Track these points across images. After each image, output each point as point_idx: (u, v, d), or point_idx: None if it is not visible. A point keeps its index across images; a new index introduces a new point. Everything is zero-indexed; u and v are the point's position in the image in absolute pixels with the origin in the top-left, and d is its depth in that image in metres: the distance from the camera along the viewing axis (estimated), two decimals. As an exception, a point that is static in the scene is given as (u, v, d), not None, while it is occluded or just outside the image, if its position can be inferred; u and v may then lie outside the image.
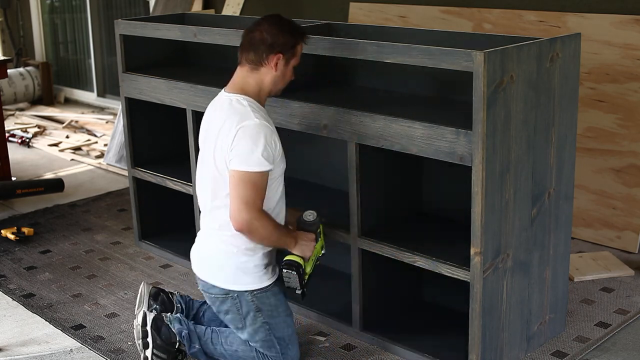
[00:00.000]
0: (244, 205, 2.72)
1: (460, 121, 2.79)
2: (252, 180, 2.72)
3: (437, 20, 4.67)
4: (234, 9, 5.96)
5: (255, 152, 2.72)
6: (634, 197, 4.01)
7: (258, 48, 2.84)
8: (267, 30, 2.85)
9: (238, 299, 2.87)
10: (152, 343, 2.90)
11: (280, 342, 2.92)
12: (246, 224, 2.73)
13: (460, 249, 2.92)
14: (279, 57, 2.85)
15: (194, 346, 2.95)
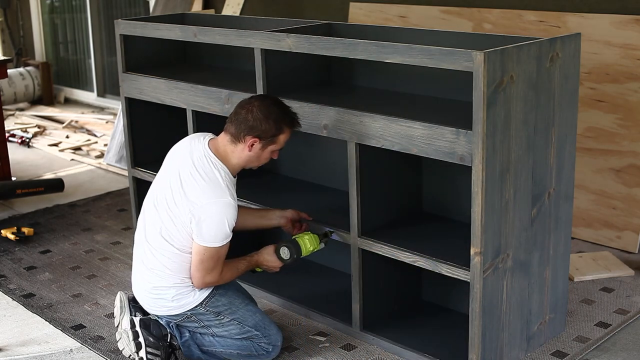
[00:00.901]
0: (207, 273, 2.94)
1: (460, 121, 2.79)
2: (218, 253, 2.93)
3: (437, 20, 4.67)
4: (234, 9, 5.96)
5: (224, 229, 2.89)
6: (634, 197, 4.01)
7: (240, 125, 2.93)
8: (254, 112, 2.92)
9: (194, 316, 3.01)
10: (144, 341, 2.97)
11: (258, 328, 3.03)
12: (205, 284, 2.96)
13: (460, 249, 2.93)
14: (255, 140, 2.93)
15: (185, 335, 3.03)
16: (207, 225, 2.87)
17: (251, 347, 3.03)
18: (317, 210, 3.43)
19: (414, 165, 3.30)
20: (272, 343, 3.05)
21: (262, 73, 3.37)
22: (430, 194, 3.36)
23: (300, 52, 3.23)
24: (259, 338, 3.03)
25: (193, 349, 3.05)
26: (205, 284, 2.96)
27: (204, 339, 3.05)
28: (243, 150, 2.95)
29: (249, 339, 3.03)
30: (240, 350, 3.04)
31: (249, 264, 3.11)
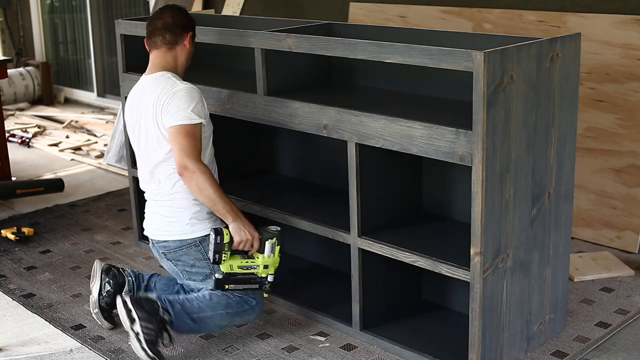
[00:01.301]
0: (182, 152, 3.03)
1: (460, 121, 2.79)
2: (187, 131, 3.05)
3: (437, 20, 4.67)
4: (234, 9, 5.96)
5: (187, 108, 3.06)
6: (634, 197, 4.01)
7: (174, 29, 3.23)
8: (173, 16, 3.26)
9: (201, 245, 3.14)
10: (137, 316, 2.98)
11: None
12: (184, 168, 3.02)
13: (460, 249, 2.93)
14: (189, 34, 3.28)
15: (177, 306, 3.07)
16: (176, 104, 3.07)
17: (237, 304, 3.13)
18: (317, 210, 3.44)
19: (414, 165, 3.30)
20: (257, 297, 3.18)
21: (262, 73, 3.37)
22: (430, 194, 3.36)
23: (300, 52, 3.23)
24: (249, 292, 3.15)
25: (185, 319, 3.07)
26: (184, 165, 3.01)
27: (193, 305, 3.09)
28: (183, 49, 3.27)
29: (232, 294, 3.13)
30: (228, 309, 3.12)
31: (232, 204, 3.11)
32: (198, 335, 3.32)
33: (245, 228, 3.10)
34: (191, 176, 3.02)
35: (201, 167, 3.03)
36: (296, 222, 3.39)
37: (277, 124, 3.36)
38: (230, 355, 3.18)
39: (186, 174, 3.03)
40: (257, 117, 3.44)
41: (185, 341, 3.29)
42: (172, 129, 3.06)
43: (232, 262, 3.10)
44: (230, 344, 3.26)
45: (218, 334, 3.33)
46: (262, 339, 3.29)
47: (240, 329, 3.37)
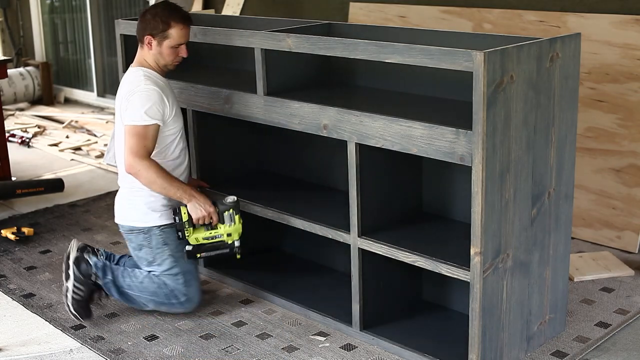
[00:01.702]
0: (129, 151, 3.23)
1: (460, 121, 2.79)
2: (136, 132, 3.23)
3: (437, 20, 4.67)
4: (234, 9, 5.96)
5: (141, 109, 3.23)
6: (634, 197, 4.01)
7: (138, 30, 3.41)
8: (146, 16, 3.37)
9: (148, 233, 3.37)
10: (73, 275, 3.36)
11: (186, 275, 3.40)
12: (130, 167, 3.24)
13: (460, 249, 2.93)
14: (150, 38, 3.35)
15: (107, 277, 3.39)
16: (132, 104, 3.25)
17: (165, 296, 3.38)
18: (317, 210, 3.44)
19: (414, 165, 3.30)
20: (188, 295, 3.40)
21: (262, 73, 3.37)
22: (430, 194, 3.36)
23: (300, 52, 3.23)
24: (179, 284, 3.38)
25: (112, 290, 3.41)
26: (129, 165, 3.23)
27: (124, 282, 3.40)
28: (148, 51, 3.38)
29: (171, 281, 3.37)
30: (154, 297, 3.39)
31: (183, 187, 3.30)
32: (197, 336, 3.33)
33: (201, 205, 3.30)
34: (138, 173, 3.24)
35: (146, 164, 3.22)
36: (296, 222, 3.39)
37: (277, 124, 3.36)
38: (230, 355, 3.18)
39: (133, 172, 3.25)
40: (257, 117, 3.44)
41: (185, 341, 3.29)
42: (126, 127, 3.26)
43: (197, 235, 3.34)
44: (230, 344, 3.26)
45: (218, 334, 3.33)
46: (262, 339, 3.30)
47: (240, 329, 3.37)
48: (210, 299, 3.67)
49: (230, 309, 3.56)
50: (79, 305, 3.37)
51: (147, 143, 3.24)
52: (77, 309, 3.37)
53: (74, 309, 3.37)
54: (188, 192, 3.30)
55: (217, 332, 3.36)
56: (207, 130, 3.79)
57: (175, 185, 3.28)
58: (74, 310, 3.37)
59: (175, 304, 3.41)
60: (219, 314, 3.52)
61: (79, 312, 3.37)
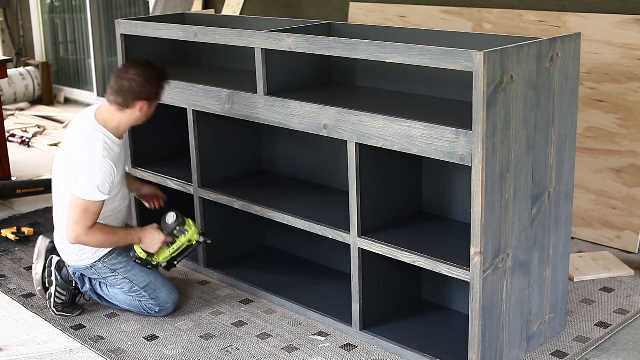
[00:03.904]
0: (75, 224, 3.25)
1: (460, 121, 2.79)
2: (85, 206, 3.24)
3: (437, 20, 4.67)
4: (234, 9, 5.96)
5: (93, 184, 3.22)
6: (634, 197, 4.01)
7: (126, 94, 3.27)
8: (134, 80, 3.26)
9: (94, 269, 3.44)
10: (55, 281, 3.45)
11: (147, 290, 3.45)
12: (75, 239, 3.28)
13: (460, 249, 2.93)
14: (144, 103, 3.31)
15: (86, 287, 3.51)
16: (82, 177, 3.22)
17: (139, 307, 3.47)
18: (317, 210, 3.44)
19: (414, 165, 3.30)
20: (160, 305, 3.46)
21: (262, 73, 3.37)
22: (430, 194, 3.36)
23: (300, 52, 3.23)
24: (146, 300, 3.44)
25: (93, 296, 3.54)
26: (75, 238, 3.26)
27: (102, 290, 3.51)
28: (133, 113, 3.31)
29: (138, 299, 3.45)
30: (132, 308, 3.49)
31: (129, 234, 3.40)
32: (197, 336, 3.33)
33: (152, 239, 3.41)
34: (85, 242, 3.29)
35: (90, 233, 3.27)
36: (296, 222, 3.40)
37: (277, 124, 3.36)
38: (230, 355, 3.18)
39: (79, 241, 3.29)
40: (257, 117, 3.44)
41: (185, 341, 3.29)
42: (74, 198, 3.25)
43: (163, 257, 3.47)
44: (230, 344, 3.26)
45: (218, 334, 3.33)
46: (262, 339, 3.30)
47: (240, 329, 3.37)
48: (210, 299, 3.67)
49: (230, 309, 3.57)
50: (63, 307, 3.50)
51: (94, 216, 3.27)
52: (62, 310, 3.50)
53: (58, 311, 3.49)
54: (135, 236, 3.41)
55: (217, 332, 3.36)
56: (207, 130, 3.79)
57: (121, 237, 3.38)
58: (58, 312, 3.49)
59: (152, 313, 3.49)
60: (219, 314, 3.52)
61: (65, 311, 3.50)
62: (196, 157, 3.80)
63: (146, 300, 3.45)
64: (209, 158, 3.83)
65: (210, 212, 3.87)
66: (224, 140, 3.87)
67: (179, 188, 3.94)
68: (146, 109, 3.33)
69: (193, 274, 3.95)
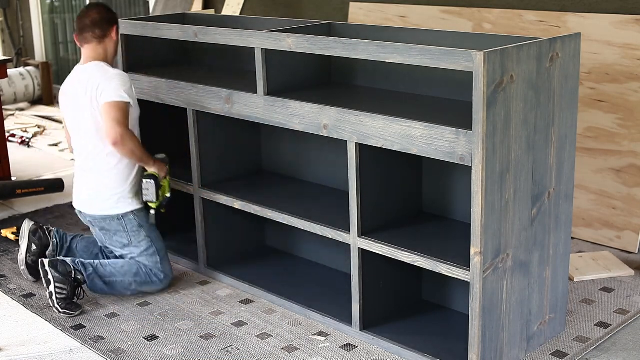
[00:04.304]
0: (115, 123, 3.46)
1: (460, 121, 2.79)
2: (119, 107, 3.49)
3: (437, 20, 4.67)
4: (234, 9, 5.96)
5: (119, 89, 3.50)
6: (634, 197, 4.01)
7: (101, 24, 3.62)
8: (100, 12, 3.64)
9: (123, 219, 3.63)
10: (53, 277, 3.48)
11: (160, 253, 3.69)
12: (119, 135, 3.46)
13: (460, 249, 2.93)
14: (114, 28, 3.67)
15: (89, 270, 3.57)
16: (108, 86, 3.49)
17: (146, 274, 3.64)
18: (317, 210, 3.44)
19: (414, 165, 3.30)
20: (165, 272, 3.69)
21: (262, 73, 3.37)
22: (430, 194, 3.36)
23: (300, 52, 3.23)
24: (155, 263, 3.66)
25: (97, 281, 3.58)
26: (117, 134, 3.45)
27: (106, 270, 3.60)
28: (111, 41, 3.65)
29: (148, 261, 3.65)
30: (136, 278, 3.63)
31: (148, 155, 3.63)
32: (197, 336, 3.33)
33: (160, 165, 3.67)
34: (124, 143, 3.47)
35: (131, 134, 3.50)
36: (296, 222, 3.40)
37: (277, 124, 3.36)
38: (230, 355, 3.18)
39: (120, 142, 3.46)
40: (257, 117, 3.44)
41: (185, 341, 3.29)
42: (106, 105, 3.48)
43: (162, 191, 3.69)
44: (230, 344, 3.26)
45: (218, 334, 3.33)
46: (262, 339, 3.30)
47: (240, 329, 3.37)
48: (210, 299, 3.67)
49: (230, 309, 3.57)
50: (66, 303, 3.51)
51: (127, 117, 3.52)
52: (65, 307, 3.51)
53: (62, 307, 3.50)
54: (151, 158, 3.65)
55: (217, 332, 3.37)
56: (207, 130, 3.79)
57: (146, 154, 3.61)
58: (62, 309, 3.50)
59: (155, 281, 3.67)
60: (219, 314, 3.52)
61: (68, 308, 3.51)
62: (196, 157, 3.80)
63: (155, 263, 3.66)
64: (209, 158, 3.83)
65: (210, 212, 3.87)
66: (224, 140, 3.87)
67: (180, 188, 3.94)
68: (115, 35, 3.67)
69: (193, 274, 3.95)
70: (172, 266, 4.02)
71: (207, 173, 3.83)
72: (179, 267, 4.03)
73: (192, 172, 3.83)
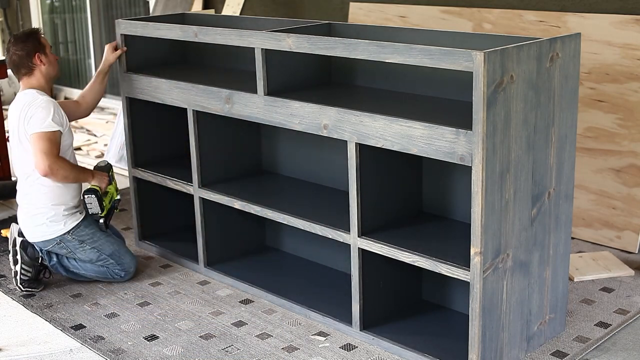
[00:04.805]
0: (42, 154, 3.56)
1: (460, 121, 2.79)
2: (47, 137, 3.58)
3: (437, 20, 4.67)
4: (234, 9, 5.96)
5: (47, 118, 3.58)
6: (634, 197, 4.01)
7: (23, 62, 3.72)
8: (16, 51, 3.71)
9: (62, 242, 3.73)
10: (21, 259, 3.71)
11: (113, 257, 3.79)
12: (47, 167, 3.56)
13: (460, 249, 2.93)
14: (38, 55, 3.73)
15: (53, 260, 3.78)
16: (34, 117, 3.58)
17: (106, 273, 3.80)
18: (317, 210, 3.44)
19: (414, 165, 3.30)
20: (125, 269, 3.82)
21: (262, 73, 3.37)
22: (430, 194, 3.36)
23: (300, 52, 3.23)
24: (113, 265, 3.79)
25: (60, 270, 3.80)
26: (46, 166, 3.56)
27: (70, 263, 3.78)
28: (39, 69, 3.73)
29: (105, 266, 3.77)
30: (99, 275, 3.81)
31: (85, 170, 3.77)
32: (197, 336, 3.33)
33: (100, 177, 3.77)
34: (56, 172, 3.58)
35: (59, 162, 3.59)
36: (296, 222, 3.40)
37: (277, 124, 3.36)
38: (230, 355, 3.18)
39: (51, 172, 3.57)
40: (257, 117, 3.45)
41: (185, 341, 3.29)
42: (33, 136, 3.58)
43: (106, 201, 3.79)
44: (230, 344, 3.26)
45: (218, 334, 3.33)
46: (262, 339, 3.30)
47: (240, 329, 3.37)
48: (210, 299, 3.67)
49: (230, 309, 3.57)
50: (29, 283, 3.75)
51: (56, 146, 3.60)
52: (28, 286, 3.75)
53: (23, 287, 3.74)
54: (89, 173, 3.77)
55: (217, 332, 3.37)
56: (207, 130, 3.79)
57: (81, 170, 3.75)
58: (24, 288, 3.75)
59: (118, 278, 3.83)
60: (219, 314, 3.52)
61: (31, 286, 3.76)
62: (196, 157, 3.80)
63: (113, 266, 3.79)
64: (209, 158, 3.83)
65: (210, 212, 3.87)
66: (224, 140, 3.87)
67: (179, 188, 3.94)
68: (44, 58, 3.74)
69: (193, 274, 3.95)
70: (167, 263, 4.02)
71: (207, 173, 3.84)
72: (179, 267, 4.03)
73: (192, 172, 3.83)
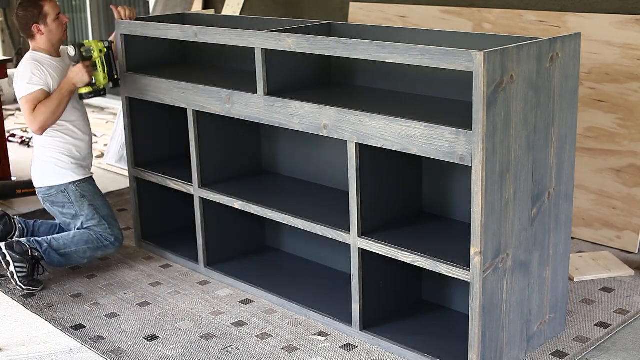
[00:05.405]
0: (30, 116, 3.75)
1: (460, 121, 2.79)
2: (29, 100, 3.75)
3: (437, 20, 4.67)
4: (234, 9, 5.96)
5: (25, 80, 3.75)
6: (634, 197, 4.01)
7: (23, 31, 3.89)
8: (18, 17, 3.86)
9: (66, 191, 3.88)
10: (11, 258, 3.71)
11: (106, 219, 3.91)
12: (38, 127, 3.75)
13: (460, 249, 2.93)
14: (36, 27, 3.84)
15: (44, 245, 3.79)
16: (16, 81, 3.78)
17: (96, 241, 3.85)
18: (317, 210, 3.44)
19: (414, 165, 3.30)
20: (115, 235, 3.90)
21: (262, 73, 3.37)
22: (430, 194, 3.36)
23: (300, 52, 3.23)
24: (104, 229, 3.87)
25: (53, 255, 3.79)
26: (32, 126, 3.75)
27: (59, 243, 3.81)
28: (39, 38, 3.86)
29: (96, 228, 3.86)
30: (89, 245, 3.84)
31: (61, 86, 3.77)
32: (197, 336, 3.33)
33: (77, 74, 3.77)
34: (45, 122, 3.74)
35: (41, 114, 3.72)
36: (296, 222, 3.40)
37: (277, 124, 3.36)
38: (230, 355, 3.18)
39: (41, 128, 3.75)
40: (257, 117, 3.44)
41: (185, 341, 3.29)
42: (20, 101, 3.78)
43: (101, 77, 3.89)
44: (230, 343, 3.26)
45: (218, 334, 3.33)
46: (262, 339, 3.30)
47: (240, 329, 3.37)
48: (210, 299, 3.67)
49: (230, 309, 3.57)
50: (28, 281, 3.75)
51: (35, 103, 3.74)
52: (28, 284, 3.75)
53: (24, 285, 3.74)
54: (65, 84, 3.78)
55: (217, 332, 3.37)
56: (207, 130, 3.79)
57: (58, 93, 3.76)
58: (25, 286, 3.75)
59: (107, 245, 3.89)
60: (219, 314, 3.52)
61: (31, 285, 3.76)
62: (196, 157, 3.80)
63: (103, 229, 3.88)
64: (209, 158, 3.83)
65: (210, 212, 3.87)
66: (224, 140, 3.87)
67: (179, 188, 3.94)
68: (43, 28, 3.83)
69: (193, 274, 3.95)
70: (167, 263, 4.03)
71: (207, 173, 3.84)
72: (179, 268, 4.03)
73: (192, 172, 3.83)
